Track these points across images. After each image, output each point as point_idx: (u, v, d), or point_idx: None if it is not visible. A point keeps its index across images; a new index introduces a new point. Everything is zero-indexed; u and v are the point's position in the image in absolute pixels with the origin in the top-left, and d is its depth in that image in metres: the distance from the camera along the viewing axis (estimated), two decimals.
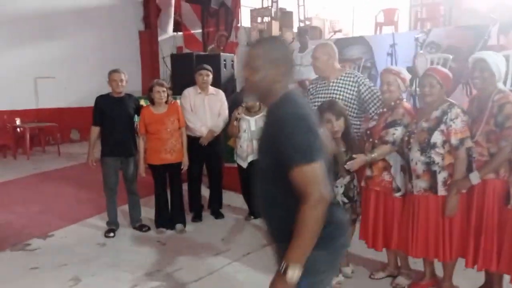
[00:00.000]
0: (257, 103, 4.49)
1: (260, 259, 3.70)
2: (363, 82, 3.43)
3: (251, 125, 4.49)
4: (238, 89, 7.62)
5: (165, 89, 4.16)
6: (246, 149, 4.51)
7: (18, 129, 8.54)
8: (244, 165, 4.56)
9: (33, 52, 9.19)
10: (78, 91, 9.65)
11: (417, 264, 3.25)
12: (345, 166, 3.00)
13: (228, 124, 4.70)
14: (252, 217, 4.71)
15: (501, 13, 8.68)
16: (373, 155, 2.99)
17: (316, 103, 3.43)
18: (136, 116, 4.36)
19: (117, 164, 4.25)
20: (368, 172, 3.13)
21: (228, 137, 5.27)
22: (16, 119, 8.65)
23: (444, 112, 2.78)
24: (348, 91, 3.41)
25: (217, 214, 4.80)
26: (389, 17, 9.34)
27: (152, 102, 4.24)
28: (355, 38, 8.74)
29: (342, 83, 3.45)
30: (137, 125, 4.41)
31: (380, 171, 3.08)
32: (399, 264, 3.28)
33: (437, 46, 7.49)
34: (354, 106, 3.41)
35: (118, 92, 4.20)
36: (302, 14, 10.73)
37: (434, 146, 2.78)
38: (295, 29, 9.99)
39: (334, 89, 3.45)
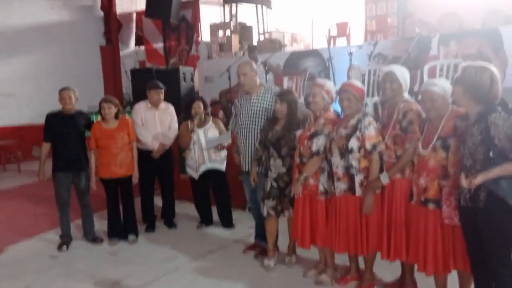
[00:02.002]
0: (203, 116, 4.74)
1: (205, 264, 3.95)
2: None
3: (200, 137, 4.72)
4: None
5: (111, 105, 4.35)
6: (197, 160, 4.74)
7: None
8: (196, 175, 4.79)
9: None
10: (40, 107, 9.56)
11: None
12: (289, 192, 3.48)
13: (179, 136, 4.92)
14: (203, 225, 4.93)
15: (448, 24, 9.29)
16: (304, 175, 3.34)
17: (241, 118, 3.86)
18: (87, 131, 4.53)
19: (69, 179, 4.41)
20: (296, 176, 3.43)
21: (183, 149, 5.50)
22: None
23: (359, 121, 3.11)
24: (268, 106, 3.80)
25: (170, 224, 4.99)
26: (341, 30, 9.78)
27: (103, 117, 4.43)
28: (310, 51, 9.15)
29: (262, 99, 3.83)
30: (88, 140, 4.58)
31: (307, 177, 3.37)
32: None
33: (383, 57, 7.92)
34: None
35: (68, 109, 4.37)
36: (261, 27, 11.08)
37: (351, 151, 3.10)
38: (254, 43, 10.34)
39: (255, 103, 3.83)
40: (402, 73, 3.06)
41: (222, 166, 4.81)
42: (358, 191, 3.10)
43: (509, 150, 2.33)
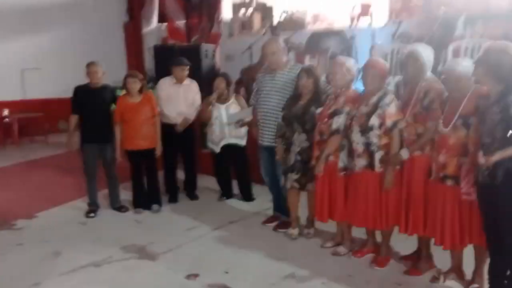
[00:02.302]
0: (226, 91, 4.83)
1: (225, 234, 4.12)
2: None
3: (222, 113, 4.83)
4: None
5: (136, 80, 4.47)
6: (219, 134, 4.86)
7: (6, 120, 8.81)
8: (217, 149, 4.92)
9: (19, 45, 9.40)
10: (65, 82, 9.77)
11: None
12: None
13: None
14: (224, 197, 5.08)
15: (474, 5, 9.07)
16: (325, 153, 3.42)
17: (262, 94, 3.92)
18: (113, 105, 4.68)
19: (95, 150, 4.58)
20: (316, 153, 3.51)
21: (205, 125, 5.61)
22: (4, 110, 8.90)
23: (380, 98, 3.16)
24: (290, 82, 3.83)
25: (192, 196, 5.16)
26: (365, 9, 9.64)
27: (128, 92, 4.57)
28: (332, 30, 9.08)
29: (287, 75, 3.87)
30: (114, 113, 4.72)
31: (328, 154, 3.45)
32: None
33: (407, 36, 7.82)
34: None
35: (95, 83, 4.51)
36: (283, 6, 10.99)
37: (372, 128, 3.16)
38: (276, 22, 10.29)
39: (279, 81, 3.88)
40: (426, 53, 3.07)
41: (243, 142, 4.92)
42: (378, 167, 3.18)
43: None
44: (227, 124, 4.81)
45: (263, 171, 4.22)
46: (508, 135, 2.42)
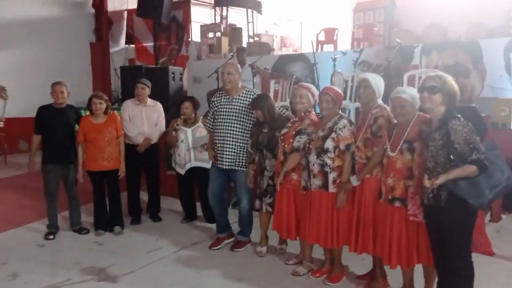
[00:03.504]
0: (193, 115, 4.92)
1: (188, 255, 4.15)
2: None
3: (188, 135, 4.90)
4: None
5: (102, 101, 4.51)
6: (184, 157, 4.92)
7: None
8: (182, 172, 4.97)
9: None
10: (28, 101, 9.60)
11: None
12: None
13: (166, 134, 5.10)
14: (187, 220, 5.11)
15: (432, 34, 9.61)
16: (284, 169, 3.60)
17: (220, 117, 4.06)
18: (76, 125, 4.67)
19: (58, 170, 4.55)
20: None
21: (170, 146, 5.66)
22: None
23: (335, 123, 3.37)
24: (248, 107, 4.00)
25: (155, 218, 5.16)
26: (329, 36, 10.04)
27: (92, 112, 4.59)
28: (297, 56, 9.39)
29: (243, 100, 4.05)
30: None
31: (290, 171, 3.63)
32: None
33: (368, 64, 8.19)
34: (253, 118, 4.00)
35: (59, 103, 4.51)
36: (251, 30, 11.28)
37: (327, 151, 3.35)
38: (244, 45, 10.53)
39: (236, 105, 4.04)
40: (376, 81, 3.29)
41: (208, 165, 4.98)
42: (331, 188, 3.35)
43: (467, 154, 2.55)
44: (192, 148, 4.88)
45: (211, 192, 4.28)
46: (451, 158, 2.61)
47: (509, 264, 3.82)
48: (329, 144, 3.33)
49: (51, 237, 4.56)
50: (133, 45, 11.52)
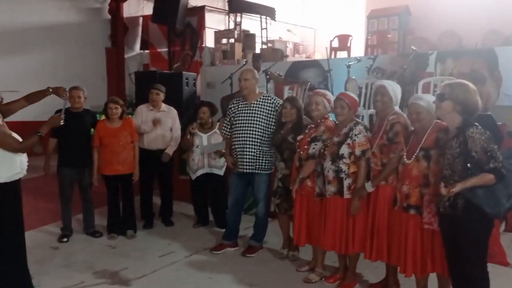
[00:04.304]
0: (210, 120, 4.94)
1: (200, 260, 4.15)
2: (279, 104, 4.05)
3: (203, 141, 4.92)
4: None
5: (118, 106, 4.57)
6: (197, 163, 4.94)
7: None
8: (193, 177, 4.99)
9: None
10: (44, 105, 9.75)
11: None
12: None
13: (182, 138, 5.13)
14: (199, 224, 5.12)
15: (447, 42, 9.53)
16: (299, 176, 3.61)
17: (239, 122, 4.07)
18: (92, 129, 4.73)
19: (73, 173, 4.60)
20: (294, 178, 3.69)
21: (183, 151, 5.69)
22: None
23: (350, 129, 3.36)
24: (267, 112, 4.05)
25: (167, 222, 5.18)
26: (343, 42, 10.03)
27: (108, 117, 4.64)
28: (310, 62, 9.38)
29: (262, 105, 4.07)
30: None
31: (304, 178, 3.62)
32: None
33: (382, 71, 8.14)
34: (272, 124, 4.06)
35: (76, 108, 4.57)
36: (264, 36, 11.33)
37: (342, 157, 3.35)
38: (257, 51, 10.57)
39: (255, 110, 4.06)
40: (393, 88, 3.28)
41: (221, 171, 5.00)
42: (346, 194, 3.34)
43: (485, 162, 2.53)
44: (207, 154, 4.89)
45: (233, 199, 4.32)
46: (468, 166, 2.58)
47: None
48: (344, 150, 3.33)
49: (65, 239, 4.61)
50: (147, 51, 11.62)
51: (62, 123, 3.56)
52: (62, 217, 4.71)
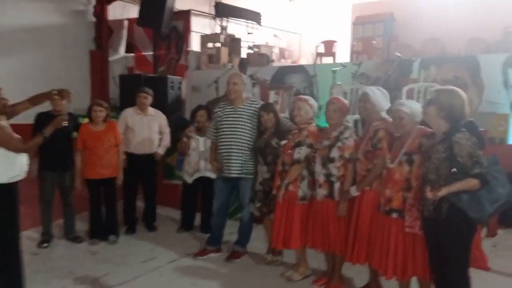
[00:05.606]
0: (207, 124, 4.90)
1: (183, 265, 4.10)
2: None
3: (200, 145, 4.87)
4: (186, 109, 8.08)
5: (102, 109, 4.50)
6: (194, 166, 4.89)
7: None
8: (190, 180, 4.94)
9: None
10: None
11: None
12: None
13: (176, 141, 5.11)
14: (183, 229, 5.05)
15: (430, 49, 9.67)
16: (285, 182, 3.61)
17: (225, 126, 4.05)
18: (75, 132, 4.64)
19: (54, 177, 4.51)
20: (277, 183, 3.71)
21: (168, 155, 5.63)
22: None
23: (340, 132, 3.41)
24: (253, 116, 4.03)
25: (151, 227, 5.11)
26: (328, 48, 10.10)
27: (92, 120, 4.56)
28: (296, 67, 9.41)
29: (248, 109, 4.06)
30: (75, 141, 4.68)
31: (289, 183, 3.62)
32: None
33: (367, 77, 8.20)
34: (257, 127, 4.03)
35: (58, 110, 4.48)
36: (250, 41, 11.33)
37: (333, 160, 3.38)
38: (244, 55, 10.57)
39: (241, 114, 4.05)
40: (375, 94, 3.30)
41: (214, 175, 4.94)
42: (337, 197, 3.39)
43: (470, 167, 2.55)
44: (203, 157, 4.83)
45: (219, 203, 4.28)
46: (452, 171, 2.60)
47: (505, 279, 3.79)
48: (335, 153, 3.38)
49: (45, 245, 4.50)
50: (132, 54, 11.52)
51: (65, 124, 3.59)
52: (42, 222, 4.61)
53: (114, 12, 11.26)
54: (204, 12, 11.98)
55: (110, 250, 4.48)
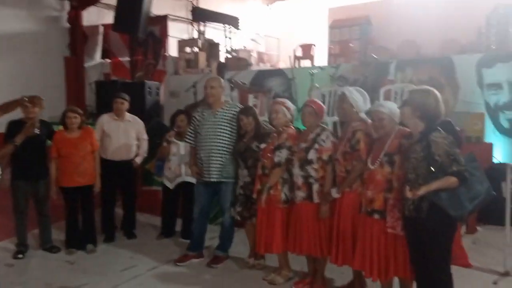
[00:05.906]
0: (187, 128, 4.83)
1: (163, 273, 4.02)
2: None
3: (181, 149, 4.79)
4: (165, 115, 7.99)
5: (77, 115, 4.39)
6: (174, 171, 4.81)
7: None
8: (171, 186, 4.86)
9: None
10: None
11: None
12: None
13: (155, 147, 5.04)
14: (163, 236, 4.97)
15: (406, 51, 9.82)
16: (267, 185, 3.58)
17: (204, 131, 4.01)
18: (48, 140, 4.52)
19: (28, 187, 4.38)
20: (257, 187, 3.68)
21: (146, 162, 5.53)
22: None
23: (317, 134, 3.40)
24: (232, 120, 3.99)
25: (130, 235, 5.00)
26: (306, 52, 10.14)
27: (66, 127, 4.45)
28: (275, 71, 9.43)
29: (227, 113, 4.03)
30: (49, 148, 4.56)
31: (271, 186, 3.60)
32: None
33: (345, 79, 8.27)
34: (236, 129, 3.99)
35: (30, 118, 4.35)
36: (229, 45, 11.30)
37: (310, 162, 3.37)
38: (222, 60, 10.54)
39: (220, 118, 4.01)
40: (353, 95, 3.30)
41: (194, 180, 4.87)
42: (316, 199, 3.36)
43: (448, 165, 2.57)
44: (184, 162, 4.76)
45: (199, 208, 4.22)
46: (431, 170, 2.61)
47: (486, 275, 3.82)
48: (312, 155, 3.36)
49: (20, 256, 4.36)
50: (108, 60, 11.36)
51: (37, 132, 3.48)
52: (17, 232, 4.46)
53: (88, 18, 11.09)
54: (181, 17, 11.91)
55: (88, 259, 4.36)
